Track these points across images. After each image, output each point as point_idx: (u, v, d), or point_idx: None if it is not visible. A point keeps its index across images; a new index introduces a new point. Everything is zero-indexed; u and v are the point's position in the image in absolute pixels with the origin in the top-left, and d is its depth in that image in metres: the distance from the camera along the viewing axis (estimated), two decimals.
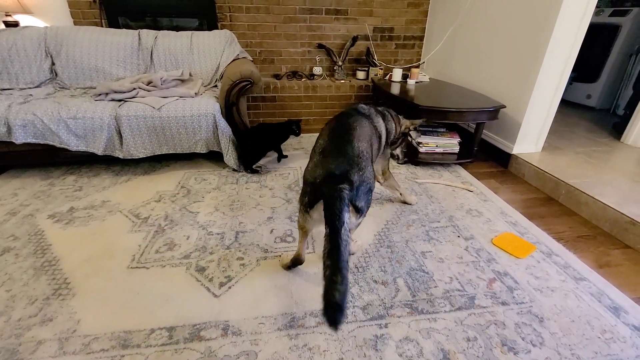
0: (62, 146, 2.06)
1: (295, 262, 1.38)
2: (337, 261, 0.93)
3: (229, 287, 1.31)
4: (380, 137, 1.48)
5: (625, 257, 1.53)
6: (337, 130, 1.25)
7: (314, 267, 1.42)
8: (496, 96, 2.46)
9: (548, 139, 2.41)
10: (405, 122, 1.69)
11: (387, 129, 1.55)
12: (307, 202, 1.15)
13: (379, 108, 1.59)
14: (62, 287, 1.31)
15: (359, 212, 1.13)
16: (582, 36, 2.05)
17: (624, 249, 1.58)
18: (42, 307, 1.21)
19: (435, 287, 1.33)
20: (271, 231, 1.66)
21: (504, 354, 1.07)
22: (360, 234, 1.64)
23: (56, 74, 2.50)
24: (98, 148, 2.09)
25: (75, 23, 2.89)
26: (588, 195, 1.81)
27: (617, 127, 2.80)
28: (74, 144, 2.07)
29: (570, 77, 2.22)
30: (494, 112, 2.25)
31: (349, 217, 1.02)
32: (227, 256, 1.48)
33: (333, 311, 0.89)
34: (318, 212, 1.11)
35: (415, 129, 1.89)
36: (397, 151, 1.80)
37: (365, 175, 1.13)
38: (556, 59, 2.09)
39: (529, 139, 2.36)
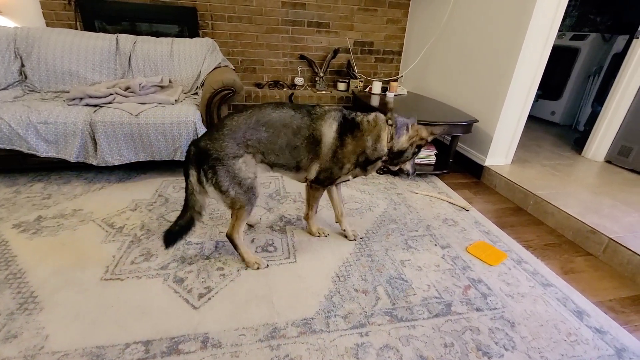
0: (30, 152, 1.96)
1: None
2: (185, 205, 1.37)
3: (209, 298, 1.29)
4: (319, 142, 1.38)
5: (587, 263, 1.64)
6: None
7: (294, 276, 1.43)
8: (470, 111, 2.59)
9: (517, 152, 2.56)
10: (420, 132, 1.44)
11: (332, 136, 1.38)
12: None
13: (358, 118, 1.42)
14: (29, 301, 1.23)
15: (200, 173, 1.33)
16: (547, 57, 2.21)
17: (586, 256, 1.70)
18: (5, 322, 1.14)
19: (414, 294, 1.36)
20: (252, 240, 1.65)
21: (479, 358, 1.11)
22: (340, 243, 1.66)
23: (26, 77, 2.39)
24: (70, 154, 2.00)
25: (47, 25, 2.79)
26: (554, 205, 1.93)
27: (578, 142, 3.01)
28: (44, 150, 1.98)
29: (536, 94, 2.38)
30: (468, 126, 2.36)
31: (194, 173, 1.33)
32: (207, 266, 1.46)
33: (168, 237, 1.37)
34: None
35: (435, 137, 1.52)
36: (407, 166, 1.55)
37: (213, 146, 1.30)
38: (523, 77, 2.24)
39: (500, 152, 2.49)
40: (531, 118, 3.73)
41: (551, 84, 3.65)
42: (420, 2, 3.28)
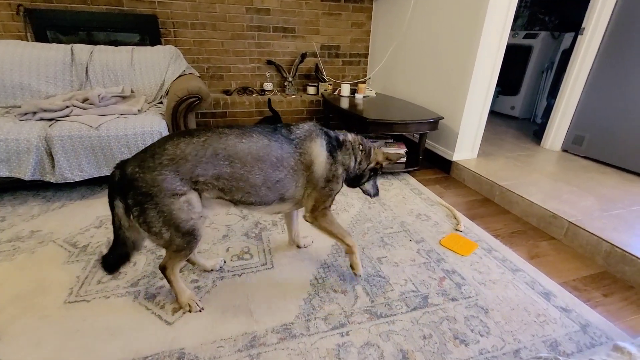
0: None
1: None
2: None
3: (184, 313, 1.24)
4: (310, 167, 1.23)
5: (551, 247, 1.74)
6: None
7: (272, 282, 1.40)
8: (435, 108, 2.68)
9: (482, 146, 2.67)
10: (377, 156, 1.41)
11: (325, 155, 1.25)
12: None
13: (341, 137, 1.34)
14: None
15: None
16: (502, 55, 2.33)
17: (550, 240, 1.79)
18: None
19: (392, 290, 1.38)
20: (227, 249, 1.61)
21: (457, 347, 1.14)
22: (317, 244, 1.65)
23: None
24: (24, 173, 1.87)
25: None
26: (518, 194, 2.03)
27: (537, 134, 3.19)
28: None
29: (495, 91, 2.50)
30: (434, 123, 2.44)
31: (120, 204, 1.08)
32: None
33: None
34: None
35: (390, 163, 1.48)
36: (367, 186, 1.49)
37: (143, 176, 1.03)
38: (483, 74, 2.35)
39: (466, 147, 2.59)
40: (493, 113, 3.92)
41: (509, 81, 3.86)
42: (382, 6, 3.37)
